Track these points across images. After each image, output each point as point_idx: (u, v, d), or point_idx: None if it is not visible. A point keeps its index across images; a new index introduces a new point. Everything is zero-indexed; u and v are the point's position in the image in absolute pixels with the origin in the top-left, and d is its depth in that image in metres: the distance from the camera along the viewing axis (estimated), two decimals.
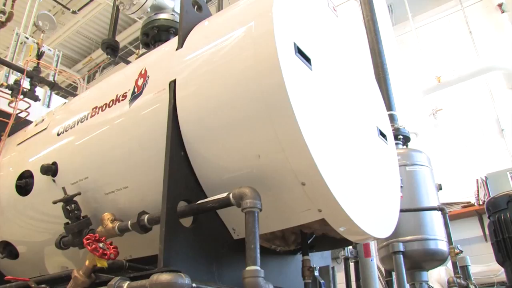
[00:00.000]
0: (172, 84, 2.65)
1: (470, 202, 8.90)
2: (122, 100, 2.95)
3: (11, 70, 5.15)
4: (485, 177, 8.50)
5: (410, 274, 4.62)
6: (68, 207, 3.04)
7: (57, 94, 5.29)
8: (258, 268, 2.10)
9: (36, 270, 3.99)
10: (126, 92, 2.95)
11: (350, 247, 4.04)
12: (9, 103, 4.47)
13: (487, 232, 8.34)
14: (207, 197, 2.59)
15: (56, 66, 5.91)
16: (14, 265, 4.09)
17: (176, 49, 2.84)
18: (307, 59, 2.56)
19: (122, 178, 2.88)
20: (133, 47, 13.95)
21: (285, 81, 2.25)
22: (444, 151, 9.66)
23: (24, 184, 3.63)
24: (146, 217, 2.60)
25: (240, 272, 2.87)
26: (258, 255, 2.13)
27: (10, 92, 4.49)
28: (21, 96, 4.40)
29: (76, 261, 3.66)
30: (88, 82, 13.61)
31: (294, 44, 2.47)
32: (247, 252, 2.15)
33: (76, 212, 3.05)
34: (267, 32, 2.34)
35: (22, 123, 4.59)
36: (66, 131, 3.35)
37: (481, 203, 8.45)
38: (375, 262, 3.82)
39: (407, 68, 10.01)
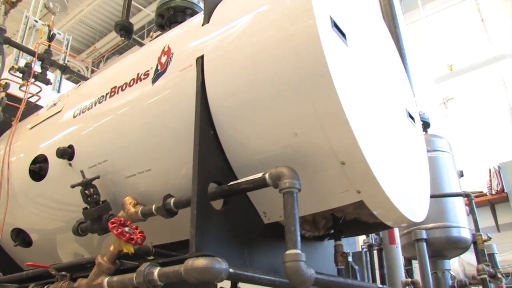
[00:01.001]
0: (200, 60, 2.51)
1: (482, 192, 8.79)
2: (144, 78, 2.81)
3: (21, 54, 4.99)
4: (498, 166, 8.38)
5: (432, 262, 4.49)
6: (86, 191, 2.91)
7: (68, 79, 5.13)
8: (299, 251, 1.97)
9: (49, 258, 3.86)
10: (148, 71, 2.81)
11: (374, 234, 3.92)
12: (20, 86, 4.31)
13: (499, 222, 8.25)
14: (237, 179, 2.46)
15: (67, 50, 5.77)
16: (26, 253, 3.97)
17: (202, 25, 2.70)
18: (343, 34, 2.43)
19: (145, 160, 2.75)
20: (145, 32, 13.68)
21: (325, 54, 2.11)
22: (455, 140, 9.50)
23: (38, 169, 3.49)
24: (172, 200, 2.47)
25: (272, 258, 2.76)
26: (299, 238, 2.00)
27: (21, 75, 4.33)
28: (32, 80, 4.24)
29: (91, 249, 3.55)
30: (92, 72, 13.41)
31: (330, 17, 2.33)
32: (286, 235, 2.01)
33: (95, 196, 2.92)
34: (304, 3, 2.20)
35: (32, 108, 4.45)
36: (83, 112, 3.21)
37: (493, 192, 8.33)
38: (399, 250, 3.70)
39: (418, 57, 9.84)
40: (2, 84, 4.22)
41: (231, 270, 1.93)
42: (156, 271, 2.02)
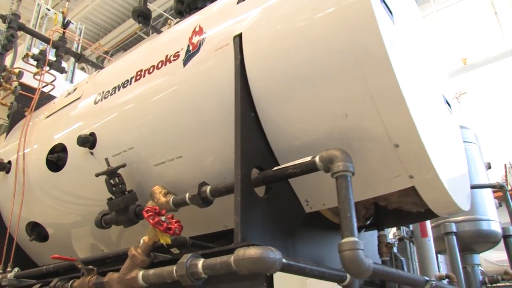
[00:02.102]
0: (237, 39, 2.35)
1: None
2: (174, 60, 2.64)
3: (33, 43, 4.82)
4: None
5: (461, 257, 4.34)
6: (112, 180, 2.74)
7: (82, 69, 4.96)
8: (357, 239, 1.81)
9: (65, 253, 3.70)
10: (178, 52, 2.64)
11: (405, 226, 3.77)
12: (35, 74, 4.14)
13: None
14: (278, 164, 2.30)
15: (80, 36, 5.59)
16: (42, 248, 3.80)
17: (237, 3, 2.54)
18: (390, 12, 2.28)
19: (175, 146, 2.58)
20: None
21: (380, 29, 1.96)
22: None
23: (56, 158, 3.31)
24: (208, 188, 2.31)
25: (314, 249, 2.61)
26: (356, 224, 1.84)
27: (35, 64, 4.16)
28: (47, 68, 4.07)
29: (109, 243, 3.38)
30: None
31: None
32: (342, 222, 1.85)
33: (120, 186, 2.75)
34: None
35: (45, 98, 4.28)
36: (105, 98, 3.04)
37: (509, 187, 8.18)
38: (432, 243, 3.55)
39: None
40: (15, 72, 4.04)
41: (284, 260, 1.77)
42: (200, 262, 1.85)
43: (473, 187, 4.29)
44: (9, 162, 3.80)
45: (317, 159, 2.00)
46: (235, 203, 2.00)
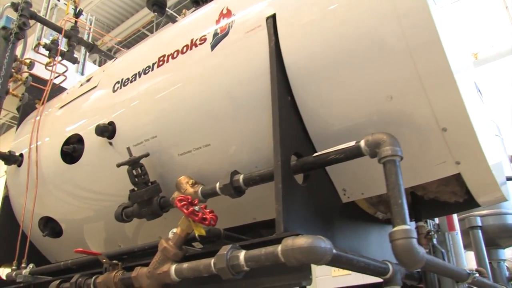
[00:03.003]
0: (271, 20, 2.23)
1: None
2: (201, 44, 2.51)
3: (44, 33, 4.68)
4: None
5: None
6: (134, 171, 2.61)
7: (93, 62, 4.81)
8: (409, 227, 1.69)
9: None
10: (204, 35, 2.52)
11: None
12: (47, 64, 4.00)
13: None
14: (315, 151, 2.18)
15: (91, 25, 5.45)
16: (55, 244, 3.66)
17: None
18: None
19: (204, 134, 2.45)
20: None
21: (429, 5, 1.85)
22: None
23: (72, 150, 3.18)
24: (241, 177, 2.18)
25: (351, 242, 2.48)
26: (407, 211, 1.72)
27: (46, 54, 4.02)
28: (59, 58, 3.93)
29: (126, 239, 3.25)
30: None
31: None
32: (393, 209, 1.73)
33: (144, 176, 2.62)
34: None
35: (55, 90, 4.14)
36: (125, 85, 2.91)
37: None
38: (459, 236, 3.43)
39: None
40: (26, 62, 3.91)
41: (334, 251, 1.65)
42: (242, 254, 1.73)
43: None
44: (21, 155, 3.67)
45: (362, 143, 1.88)
46: (275, 190, 1.87)
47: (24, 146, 3.67)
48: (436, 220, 3.71)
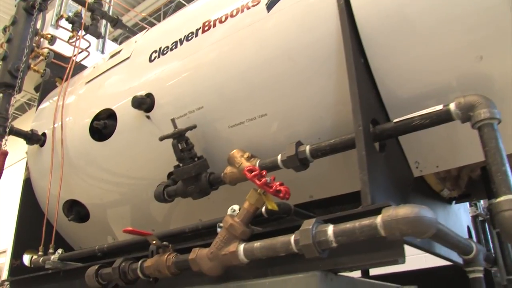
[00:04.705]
0: None
1: None
2: (254, 5, 2.30)
3: (63, 8, 4.41)
4: None
5: None
6: (179, 145, 2.40)
7: (114, 41, 4.53)
8: None
9: (105, 234, 3.36)
10: None
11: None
12: (69, 38, 3.75)
13: None
14: (389, 119, 1.97)
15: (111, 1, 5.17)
16: (79, 230, 3.45)
17: None
18: None
19: (260, 103, 2.24)
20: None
21: None
22: None
23: (102, 126, 2.94)
24: (307, 148, 1.97)
25: None
26: None
27: (68, 28, 3.77)
28: (82, 32, 3.68)
29: (156, 224, 3.03)
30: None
31: None
32: (496, 177, 1.54)
33: (190, 151, 2.41)
34: None
35: (76, 68, 3.89)
36: (163, 54, 2.68)
37: None
38: None
39: None
40: (48, 37, 3.66)
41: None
42: (330, 228, 1.52)
43: None
44: (44, 134, 3.44)
45: (452, 106, 1.68)
46: (359, 159, 1.67)
47: (46, 125, 3.44)
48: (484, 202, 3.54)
